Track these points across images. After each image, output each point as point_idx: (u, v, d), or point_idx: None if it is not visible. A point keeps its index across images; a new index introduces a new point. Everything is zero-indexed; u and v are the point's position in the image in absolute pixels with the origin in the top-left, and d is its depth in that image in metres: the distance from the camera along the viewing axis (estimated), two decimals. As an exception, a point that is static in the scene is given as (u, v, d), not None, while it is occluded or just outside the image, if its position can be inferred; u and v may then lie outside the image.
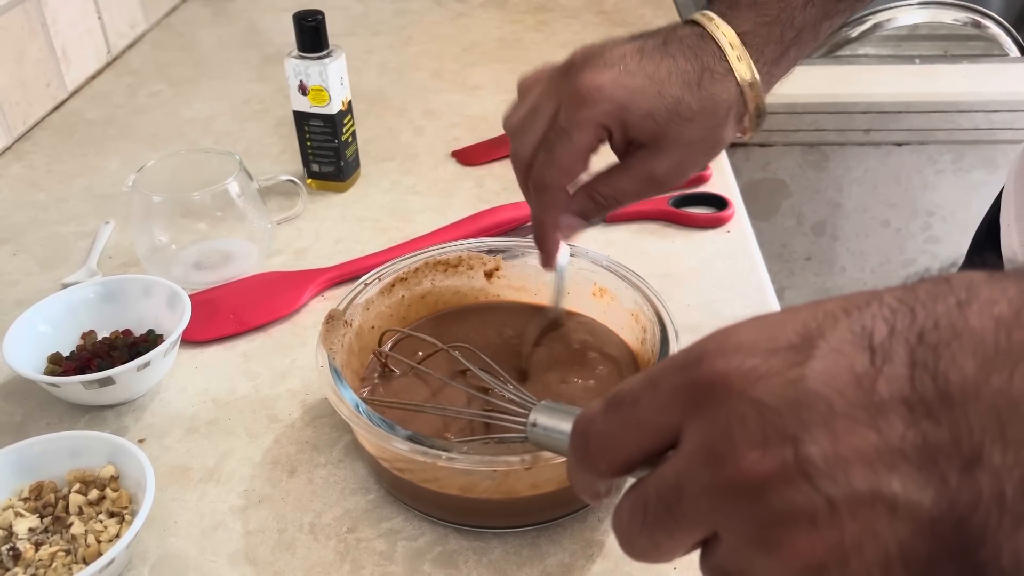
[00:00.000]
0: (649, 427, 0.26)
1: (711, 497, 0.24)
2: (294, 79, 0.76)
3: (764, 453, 0.23)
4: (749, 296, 0.66)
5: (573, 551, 0.47)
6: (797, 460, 0.23)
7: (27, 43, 0.93)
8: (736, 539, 0.24)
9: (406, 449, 0.44)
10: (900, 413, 0.23)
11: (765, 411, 0.23)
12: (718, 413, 0.24)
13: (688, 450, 0.25)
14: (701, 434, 0.25)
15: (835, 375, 0.23)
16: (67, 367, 0.57)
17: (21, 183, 0.85)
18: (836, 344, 0.24)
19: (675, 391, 0.26)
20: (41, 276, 0.71)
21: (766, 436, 0.23)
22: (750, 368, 0.24)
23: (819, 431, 0.23)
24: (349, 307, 0.54)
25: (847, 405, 0.23)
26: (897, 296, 0.24)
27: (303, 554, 0.47)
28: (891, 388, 0.23)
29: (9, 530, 0.46)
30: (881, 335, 0.23)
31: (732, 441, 0.24)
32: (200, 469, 0.53)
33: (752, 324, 0.26)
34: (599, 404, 0.28)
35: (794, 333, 0.24)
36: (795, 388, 0.23)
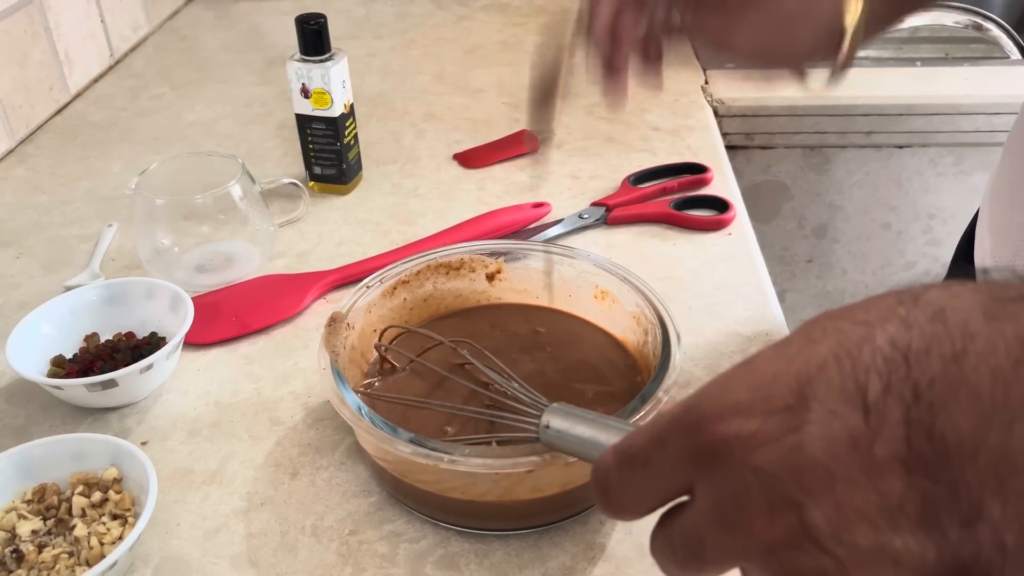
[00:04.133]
0: (663, 484, 0.28)
1: (731, 552, 0.26)
2: (296, 82, 0.76)
3: (771, 520, 0.24)
4: (750, 299, 0.67)
5: (575, 554, 0.47)
6: (802, 525, 0.24)
7: (30, 46, 0.93)
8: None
9: (408, 452, 0.44)
10: (898, 473, 0.23)
11: (767, 479, 0.24)
12: (723, 479, 0.25)
13: (701, 508, 0.26)
14: (710, 496, 0.26)
15: (831, 439, 0.24)
16: (70, 369, 0.57)
17: (24, 186, 0.85)
18: (831, 405, 0.24)
19: (681, 453, 0.27)
20: (44, 279, 0.71)
21: (771, 503, 0.24)
22: (749, 435, 0.25)
23: (821, 496, 0.23)
24: (351, 310, 0.54)
25: (845, 468, 0.23)
26: (891, 338, 0.24)
27: (305, 556, 0.48)
28: (887, 449, 0.23)
29: (12, 532, 0.46)
30: (875, 392, 0.23)
31: (739, 508, 0.25)
32: (202, 471, 0.53)
33: (745, 377, 0.26)
34: (611, 457, 0.29)
35: (788, 391, 0.25)
36: (794, 455, 0.24)
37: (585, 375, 0.55)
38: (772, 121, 1.01)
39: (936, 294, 0.25)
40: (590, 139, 0.91)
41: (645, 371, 0.54)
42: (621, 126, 0.93)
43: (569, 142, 0.90)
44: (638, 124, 0.93)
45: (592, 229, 0.75)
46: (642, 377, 0.54)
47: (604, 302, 0.58)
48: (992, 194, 0.62)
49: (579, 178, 0.84)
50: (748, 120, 1.01)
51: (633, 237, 0.74)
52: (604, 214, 0.76)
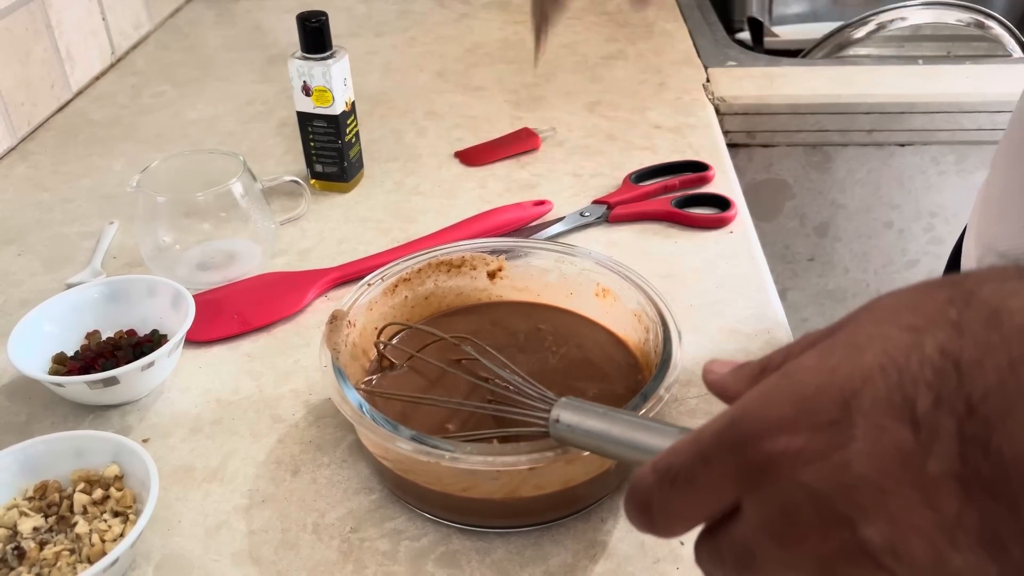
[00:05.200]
0: (709, 501, 0.27)
1: (783, 565, 0.25)
2: (297, 80, 0.76)
3: (823, 536, 0.24)
4: (751, 297, 0.66)
5: (576, 551, 0.47)
6: (856, 541, 0.23)
7: (32, 44, 0.93)
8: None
9: (409, 449, 0.44)
10: (953, 490, 0.22)
11: (816, 497, 0.24)
12: (772, 496, 0.25)
13: (751, 522, 0.26)
14: (760, 512, 0.25)
15: (880, 455, 0.23)
16: (72, 367, 0.57)
17: (26, 184, 0.85)
18: (877, 419, 0.23)
19: (728, 471, 0.26)
20: (46, 276, 0.71)
21: (822, 520, 0.24)
22: (795, 452, 0.24)
23: (873, 512, 0.23)
24: (352, 307, 0.54)
25: (897, 485, 0.23)
26: (941, 346, 0.23)
27: (307, 554, 0.48)
28: (941, 465, 0.22)
29: (13, 529, 0.46)
30: (924, 406, 0.22)
31: (790, 524, 0.24)
32: (204, 469, 0.53)
33: (789, 390, 0.25)
34: (651, 475, 0.28)
35: (833, 404, 0.24)
36: (842, 472, 0.23)
37: (586, 373, 0.55)
38: (774, 119, 1.01)
39: (991, 292, 0.24)
40: (591, 137, 0.91)
41: (646, 369, 0.54)
42: (622, 124, 0.93)
43: (570, 140, 0.90)
44: (639, 122, 0.93)
45: (593, 227, 0.75)
46: (643, 375, 0.54)
47: (605, 300, 0.58)
48: (982, 203, 0.62)
49: (580, 176, 0.84)
50: (750, 118, 1.01)
51: (634, 235, 0.74)
52: (605, 212, 0.76)
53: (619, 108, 0.96)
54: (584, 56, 1.11)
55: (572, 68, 1.08)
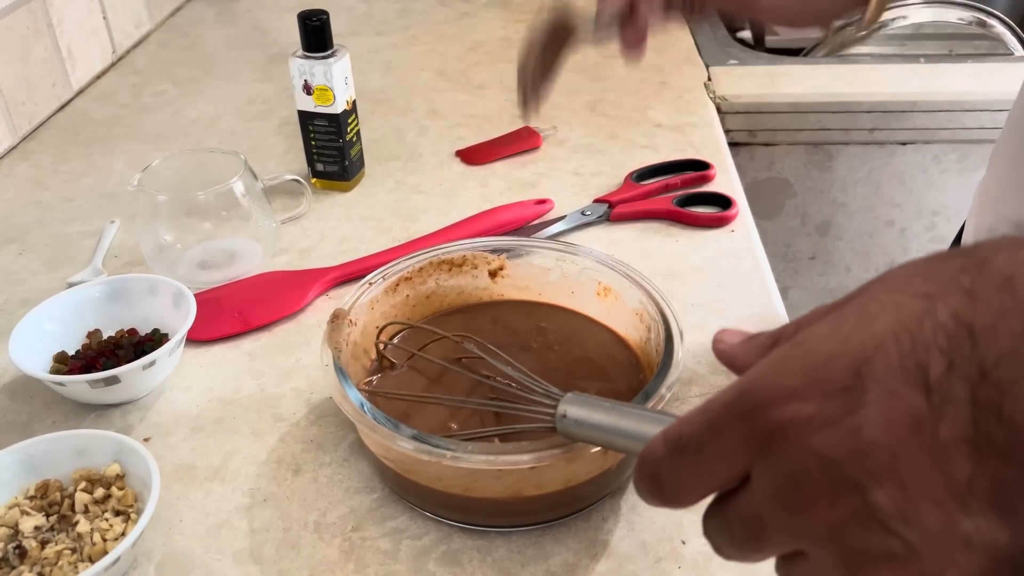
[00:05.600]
0: (719, 470, 0.27)
1: (792, 533, 0.26)
2: (298, 79, 0.76)
3: (833, 502, 0.24)
4: (753, 295, 0.66)
5: (577, 550, 0.47)
6: (866, 506, 0.23)
7: (33, 43, 0.93)
8: (823, 564, 0.25)
9: (411, 448, 0.44)
10: (965, 453, 0.22)
11: (827, 463, 0.24)
12: (782, 463, 0.25)
13: (760, 490, 0.26)
14: (769, 479, 0.25)
15: (892, 420, 0.23)
16: (73, 366, 0.57)
17: (27, 183, 0.85)
18: (889, 385, 0.23)
19: (738, 439, 0.26)
20: (47, 275, 0.71)
21: (832, 486, 0.24)
22: (806, 418, 0.24)
23: (884, 478, 0.23)
24: (354, 306, 0.54)
25: (908, 450, 0.23)
26: (954, 312, 0.23)
27: (308, 553, 0.48)
28: (953, 430, 0.22)
29: (15, 528, 0.46)
30: (937, 371, 0.23)
31: (800, 490, 0.24)
32: (205, 468, 0.53)
33: (800, 359, 0.25)
34: (661, 446, 0.29)
35: (845, 371, 0.24)
36: (853, 438, 0.23)
37: (588, 372, 0.55)
38: (775, 118, 1.01)
39: (1004, 259, 0.24)
40: (593, 136, 0.90)
41: (648, 368, 0.54)
42: (624, 123, 0.93)
43: (572, 139, 0.90)
44: (641, 121, 0.93)
45: (595, 226, 0.75)
46: (644, 375, 0.54)
47: (607, 299, 0.58)
48: (980, 200, 0.62)
49: (582, 175, 0.83)
50: (751, 117, 1.01)
51: (636, 234, 0.74)
52: (607, 211, 0.76)
53: (620, 107, 0.96)
54: (585, 55, 1.10)
55: (573, 67, 1.07)
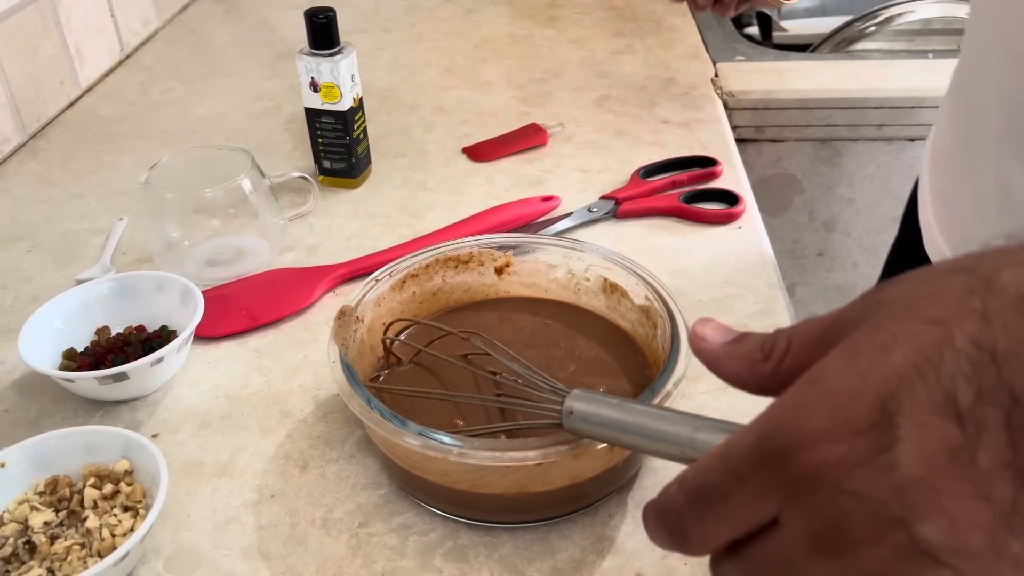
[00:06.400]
0: (744, 519, 0.26)
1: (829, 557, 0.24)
2: (305, 76, 0.76)
3: (877, 542, 0.23)
4: (760, 292, 0.66)
5: (584, 546, 0.47)
6: (913, 541, 0.23)
7: (41, 41, 0.94)
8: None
9: (417, 444, 0.44)
10: (1007, 479, 0.22)
11: (866, 502, 0.23)
12: (818, 507, 0.24)
13: (794, 537, 0.25)
14: (804, 524, 0.25)
15: (928, 453, 0.23)
16: (81, 363, 0.58)
17: (35, 180, 0.86)
18: (920, 418, 0.23)
19: (765, 486, 0.25)
20: (55, 272, 0.72)
21: (875, 525, 0.23)
22: (837, 460, 0.24)
23: (927, 510, 0.23)
24: (361, 303, 0.54)
25: (948, 481, 0.23)
26: (972, 338, 0.23)
27: (315, 548, 0.48)
28: (992, 457, 0.22)
29: (25, 524, 0.46)
30: (967, 400, 0.22)
31: (841, 534, 0.24)
32: (213, 464, 0.53)
33: (820, 399, 0.25)
34: (680, 495, 0.28)
35: (870, 408, 0.24)
36: (891, 475, 0.23)
37: (594, 368, 0.55)
38: (782, 114, 1.01)
39: (1010, 277, 0.24)
40: (600, 132, 0.90)
41: (654, 365, 0.54)
42: (631, 119, 0.93)
43: (578, 135, 0.90)
44: (647, 117, 0.93)
45: (601, 222, 0.75)
46: (651, 371, 0.54)
47: (613, 295, 0.58)
48: (931, 160, 0.63)
49: (588, 171, 0.83)
50: (758, 113, 1.01)
51: (643, 231, 0.74)
52: (613, 207, 0.76)
53: (627, 103, 0.96)
54: (592, 51, 1.11)
55: (580, 63, 1.07)
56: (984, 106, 0.53)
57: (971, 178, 0.54)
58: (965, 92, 0.57)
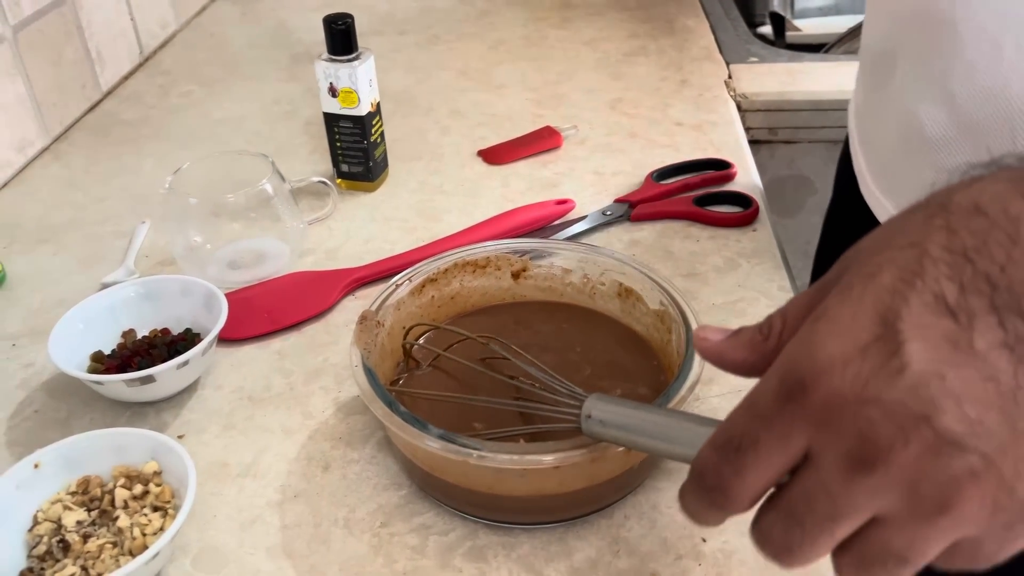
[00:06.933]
0: (778, 460, 0.28)
1: (871, 494, 0.26)
2: (324, 81, 0.77)
3: (906, 441, 0.25)
4: (773, 295, 0.67)
5: (600, 547, 0.49)
6: (937, 434, 0.25)
7: (64, 45, 0.95)
8: (905, 517, 0.26)
9: (438, 447, 0.45)
10: (1004, 357, 0.25)
11: (887, 405, 0.25)
12: (845, 425, 0.26)
13: (828, 463, 0.26)
14: (836, 447, 0.26)
15: (932, 348, 0.25)
16: (109, 365, 0.59)
17: (59, 183, 0.87)
18: (917, 321, 0.25)
19: (793, 422, 0.27)
20: (81, 275, 0.73)
21: (900, 426, 0.25)
22: (853, 376, 0.26)
23: (943, 400, 0.25)
24: (381, 308, 0.55)
25: (954, 369, 0.25)
26: (944, 246, 0.26)
27: (338, 547, 0.49)
28: (987, 339, 0.25)
29: (58, 523, 0.48)
30: (953, 295, 0.25)
31: (872, 443, 0.25)
32: (238, 464, 0.55)
33: (825, 329, 0.27)
34: (714, 454, 0.29)
35: (872, 324, 0.26)
36: (903, 375, 0.25)
37: (609, 372, 0.56)
38: (796, 116, 1.01)
39: (961, 196, 0.26)
40: (613, 135, 0.91)
41: (668, 370, 0.55)
42: (644, 121, 0.93)
43: (592, 138, 0.91)
44: (661, 119, 0.94)
45: (615, 225, 0.76)
46: (666, 376, 0.55)
47: (628, 300, 0.59)
48: (856, 113, 0.67)
49: (602, 174, 0.84)
50: (771, 115, 1.01)
51: (656, 234, 0.75)
52: (627, 211, 0.77)
53: (640, 105, 0.97)
54: (606, 52, 1.11)
55: (594, 65, 1.08)
56: (891, 53, 0.56)
57: (886, 120, 0.58)
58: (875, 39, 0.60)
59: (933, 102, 0.51)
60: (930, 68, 0.51)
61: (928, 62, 0.51)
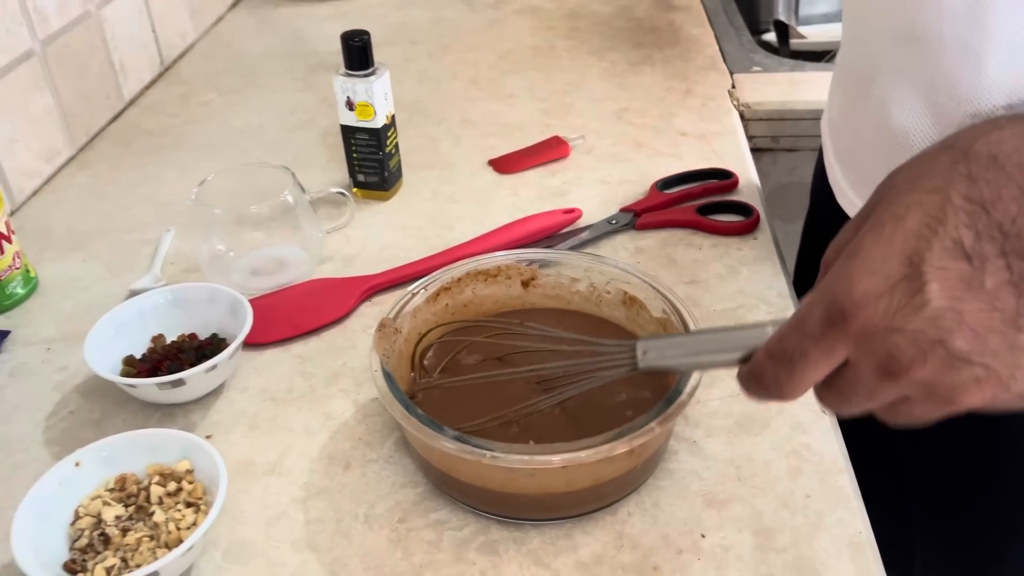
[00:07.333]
0: (824, 368, 0.35)
1: (898, 390, 0.34)
2: (342, 95, 0.81)
3: (924, 360, 0.32)
4: (773, 302, 0.70)
5: (605, 542, 0.52)
6: (950, 353, 0.31)
7: (89, 58, 0.99)
8: (923, 402, 0.34)
9: (453, 448, 0.49)
10: (1009, 292, 0.31)
11: (911, 334, 0.32)
12: (877, 346, 0.33)
13: (864, 371, 0.34)
14: (869, 361, 0.33)
15: (950, 288, 0.31)
16: (140, 369, 0.63)
17: (86, 192, 0.91)
18: (938, 263, 0.31)
19: (836, 342, 0.34)
20: (110, 281, 0.77)
21: (920, 350, 0.32)
22: (884, 309, 0.32)
23: (956, 329, 0.31)
24: (399, 315, 0.59)
25: (968, 303, 0.31)
26: (964, 195, 0.31)
27: (359, 541, 0.52)
28: (995, 279, 0.31)
29: (98, 517, 0.51)
30: (969, 242, 0.31)
31: (898, 362, 0.32)
32: (263, 463, 0.58)
33: (862, 266, 0.33)
34: (769, 362, 0.37)
35: (900, 265, 0.32)
36: (925, 309, 0.31)
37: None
38: (797, 124, 1.04)
39: (982, 145, 0.32)
40: (619, 144, 0.94)
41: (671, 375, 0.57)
42: (649, 131, 0.96)
43: (599, 147, 0.94)
44: (666, 129, 0.96)
45: (621, 234, 0.79)
46: (668, 380, 0.58)
47: (633, 307, 0.62)
48: (831, 126, 0.70)
49: (608, 183, 0.87)
50: (774, 123, 1.04)
51: (661, 242, 0.78)
52: (632, 219, 0.80)
53: (646, 115, 1.00)
54: (612, 62, 1.14)
55: (600, 75, 1.11)
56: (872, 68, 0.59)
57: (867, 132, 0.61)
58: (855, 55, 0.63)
59: (920, 114, 0.54)
60: (915, 82, 0.54)
61: (914, 76, 0.54)
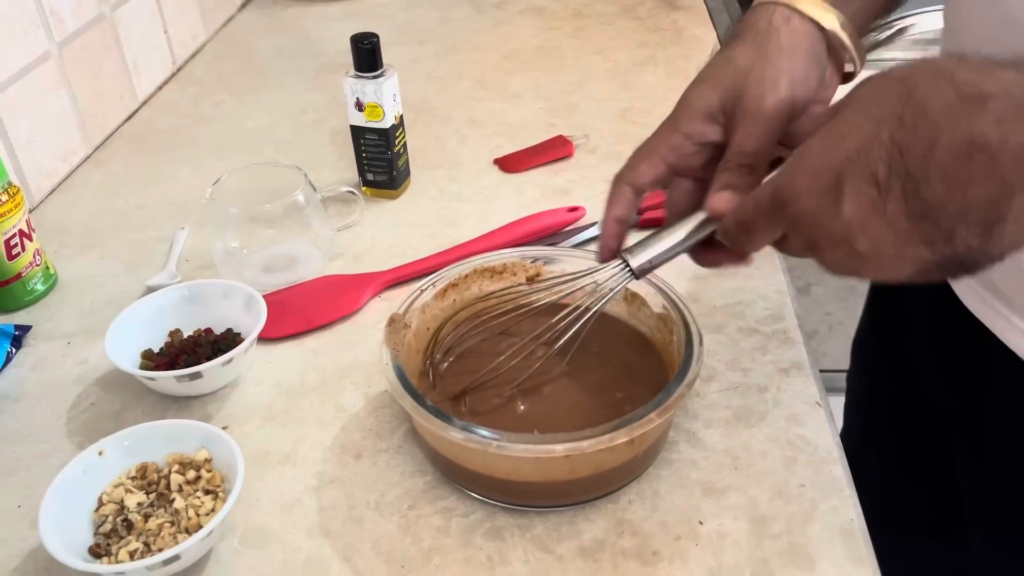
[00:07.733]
0: (768, 236, 0.44)
1: (818, 256, 0.43)
2: (351, 96, 0.83)
3: (834, 249, 0.41)
4: (770, 298, 0.72)
5: (606, 528, 0.54)
6: (853, 249, 0.40)
7: (104, 59, 1.01)
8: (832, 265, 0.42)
9: (460, 438, 0.51)
10: (904, 218, 0.38)
11: (827, 230, 0.40)
12: (803, 232, 0.42)
13: (795, 244, 0.43)
14: (798, 240, 0.43)
15: (861, 204, 0.38)
16: (158, 362, 0.65)
17: (102, 191, 0.93)
18: (856, 186, 0.38)
19: (777, 221, 0.43)
20: (126, 278, 0.79)
21: (832, 242, 0.40)
22: (812, 207, 0.40)
23: (860, 236, 0.39)
24: (408, 311, 0.61)
25: (871, 220, 0.38)
26: (891, 135, 0.37)
27: (370, 528, 0.55)
28: (895, 207, 0.38)
29: (121, 504, 0.53)
30: (883, 175, 0.37)
31: (816, 244, 0.41)
32: (278, 453, 0.60)
33: (804, 169, 0.40)
34: (734, 226, 0.46)
35: (830, 177, 0.39)
36: (840, 216, 0.39)
37: (617, 370, 0.61)
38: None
39: (922, 91, 0.36)
40: (622, 143, 0.96)
41: (670, 368, 0.60)
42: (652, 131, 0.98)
43: (603, 147, 0.96)
44: (668, 129, 0.98)
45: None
46: (667, 374, 0.60)
47: (634, 304, 0.64)
48: None
49: (612, 182, 0.89)
50: (774, 123, 1.05)
51: (662, 239, 0.80)
52: (635, 218, 0.81)
53: (649, 114, 1.02)
54: (616, 62, 1.16)
55: (604, 74, 1.13)
56: None
57: None
58: None
59: None
60: None
61: None
